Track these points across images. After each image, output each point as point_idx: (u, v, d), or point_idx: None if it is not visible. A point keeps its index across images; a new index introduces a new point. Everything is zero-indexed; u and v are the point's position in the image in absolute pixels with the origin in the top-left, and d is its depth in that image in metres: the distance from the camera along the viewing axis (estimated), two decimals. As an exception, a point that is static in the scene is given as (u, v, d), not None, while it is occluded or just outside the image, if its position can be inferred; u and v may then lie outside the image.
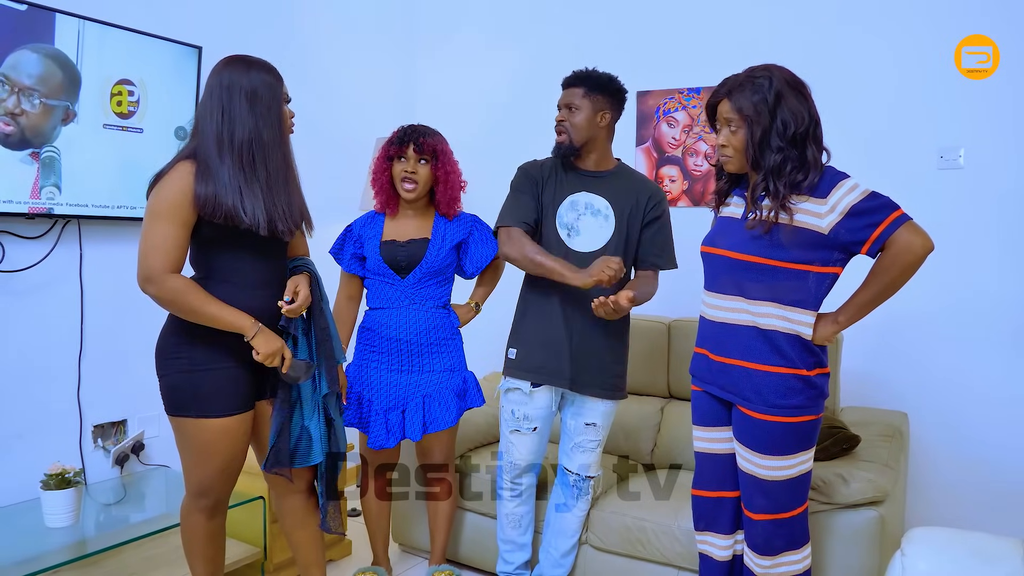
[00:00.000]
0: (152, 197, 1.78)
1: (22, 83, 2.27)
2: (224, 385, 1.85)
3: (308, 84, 3.36)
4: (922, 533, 1.47)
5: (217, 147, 1.78)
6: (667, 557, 2.31)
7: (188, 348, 1.83)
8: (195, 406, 1.82)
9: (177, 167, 1.78)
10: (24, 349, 2.41)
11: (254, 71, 1.83)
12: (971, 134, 2.74)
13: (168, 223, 1.74)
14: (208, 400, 1.83)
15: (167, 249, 1.74)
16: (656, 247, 2.29)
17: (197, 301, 1.76)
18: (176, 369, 1.83)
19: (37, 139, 2.33)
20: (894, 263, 1.70)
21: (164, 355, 1.86)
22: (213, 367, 1.83)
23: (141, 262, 1.74)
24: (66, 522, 2.21)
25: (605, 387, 2.29)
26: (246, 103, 1.80)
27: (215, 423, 1.84)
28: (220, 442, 1.86)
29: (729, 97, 1.80)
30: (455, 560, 2.73)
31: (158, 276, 1.73)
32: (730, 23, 3.15)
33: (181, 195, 1.74)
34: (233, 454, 1.90)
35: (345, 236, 2.44)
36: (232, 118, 1.79)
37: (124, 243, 2.64)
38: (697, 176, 3.27)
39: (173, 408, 1.86)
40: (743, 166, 1.84)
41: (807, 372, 1.77)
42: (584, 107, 2.21)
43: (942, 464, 2.83)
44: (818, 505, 2.09)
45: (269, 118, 1.83)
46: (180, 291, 1.75)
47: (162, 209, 1.75)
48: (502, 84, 3.74)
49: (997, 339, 2.73)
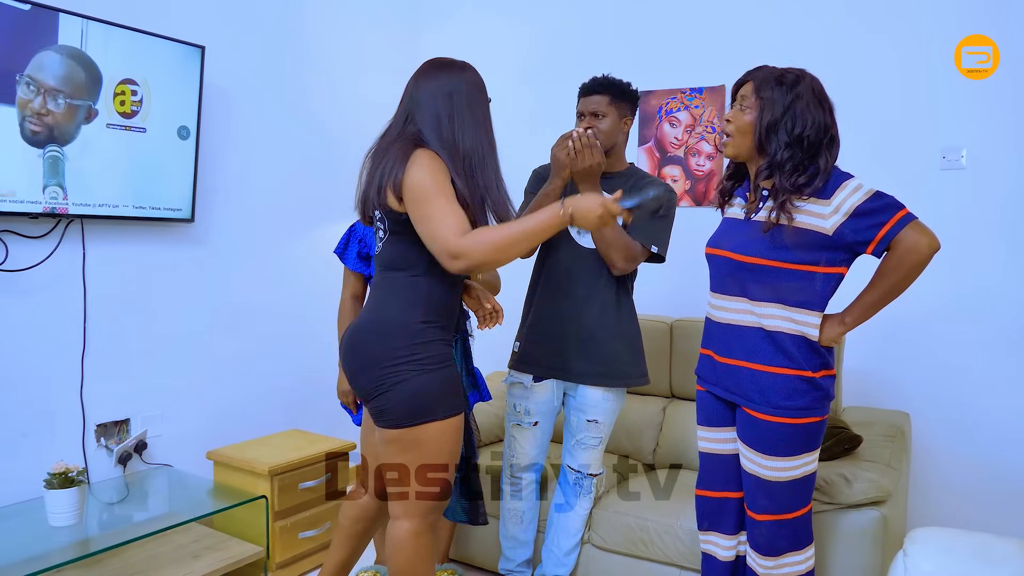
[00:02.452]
0: (412, 182, 1.66)
1: (47, 84, 2.29)
2: (457, 380, 1.78)
3: (312, 84, 3.36)
4: (925, 533, 1.47)
5: (445, 152, 1.71)
6: (669, 557, 2.31)
7: (423, 347, 1.71)
8: (441, 408, 1.71)
9: (418, 155, 1.68)
10: (27, 348, 2.41)
11: (467, 73, 1.79)
12: (973, 134, 2.74)
13: (444, 196, 1.64)
14: (449, 398, 1.73)
15: (457, 218, 1.62)
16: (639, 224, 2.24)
17: (504, 231, 1.63)
18: (418, 371, 1.69)
19: (62, 138, 2.36)
20: (901, 263, 1.70)
21: (391, 362, 1.70)
22: (449, 363, 1.75)
23: (435, 242, 1.63)
24: (69, 521, 2.21)
25: (607, 375, 2.28)
26: (466, 108, 1.75)
27: (456, 421, 1.75)
28: (458, 441, 1.77)
29: (754, 80, 1.82)
30: (457, 559, 2.74)
31: (459, 246, 1.60)
32: (733, 24, 3.15)
33: (443, 173, 1.67)
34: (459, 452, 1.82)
35: (349, 235, 2.44)
36: (456, 123, 1.73)
37: (128, 243, 2.64)
38: (699, 176, 3.27)
39: (416, 415, 1.70)
40: (740, 150, 1.85)
41: (813, 373, 1.77)
42: (610, 114, 2.24)
43: (944, 464, 2.83)
44: (821, 505, 2.09)
45: (486, 122, 1.78)
46: (484, 239, 1.61)
47: (435, 188, 1.64)
48: (507, 83, 3.73)
49: (1000, 339, 2.73)
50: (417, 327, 1.73)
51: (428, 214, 1.64)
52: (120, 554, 2.28)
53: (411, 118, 1.77)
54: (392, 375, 1.69)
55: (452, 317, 1.84)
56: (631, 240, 2.22)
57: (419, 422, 1.70)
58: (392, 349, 1.71)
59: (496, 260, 1.64)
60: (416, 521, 1.78)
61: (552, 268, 2.32)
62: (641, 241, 2.22)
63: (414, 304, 1.74)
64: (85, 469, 2.43)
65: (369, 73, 3.70)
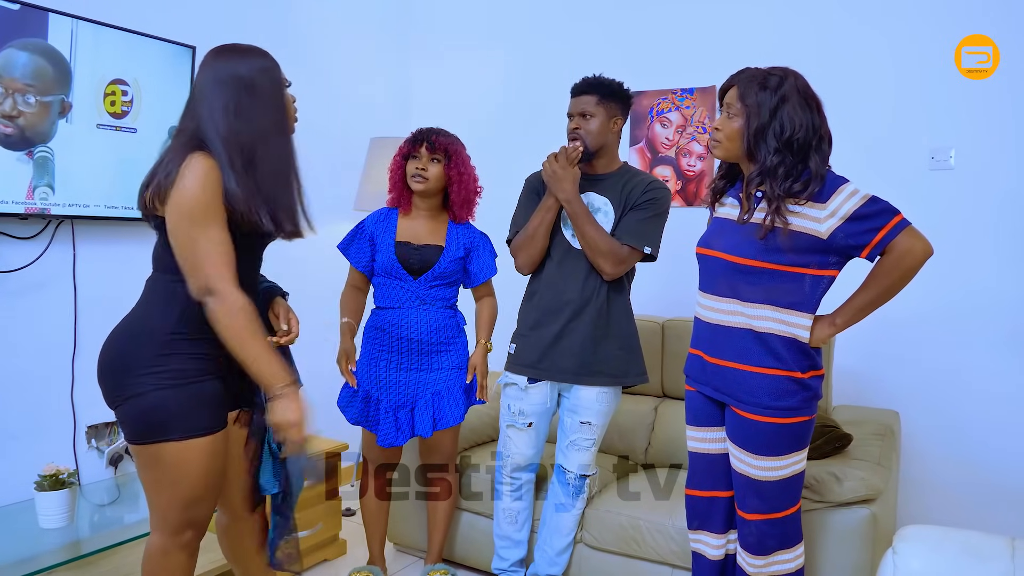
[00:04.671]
0: (181, 197, 1.53)
1: (16, 84, 2.26)
2: (211, 397, 1.63)
3: (303, 83, 3.32)
4: (914, 531, 1.48)
5: (224, 148, 1.59)
6: (662, 555, 2.32)
7: (166, 359, 1.58)
8: (180, 427, 1.58)
9: (193, 162, 1.54)
10: (18, 350, 2.40)
11: (250, 59, 1.65)
12: (964, 134, 2.76)
13: (215, 225, 1.53)
14: (196, 416, 1.60)
15: (225, 254, 1.53)
16: (628, 225, 2.25)
17: (251, 329, 1.55)
18: (155, 385, 1.57)
19: (37, 137, 2.33)
20: (895, 267, 1.71)
21: (134, 371, 1.58)
22: (198, 379, 1.61)
23: (196, 272, 1.53)
24: (60, 523, 2.20)
25: (600, 374, 2.29)
26: (247, 96, 1.61)
27: (201, 443, 1.60)
28: (207, 463, 1.62)
29: (738, 85, 1.81)
30: (450, 559, 2.74)
31: (224, 288, 1.52)
32: (725, 23, 3.15)
33: (212, 193, 1.54)
34: (221, 472, 1.70)
35: (356, 232, 2.45)
36: (235, 114, 1.60)
37: (118, 243, 2.63)
38: (690, 176, 3.28)
39: (149, 433, 1.58)
40: (730, 155, 1.85)
41: (801, 374, 1.78)
42: (598, 114, 2.24)
43: (934, 463, 2.85)
44: (811, 503, 2.10)
45: (273, 110, 1.65)
46: (245, 311, 1.54)
47: (202, 209, 1.53)
48: (498, 82, 3.74)
49: (988, 338, 2.75)
50: (165, 337, 1.59)
51: (195, 237, 1.53)
52: (111, 556, 2.27)
53: (192, 112, 1.64)
54: (132, 386, 1.57)
55: None
56: (618, 245, 2.23)
57: (154, 440, 1.58)
58: (137, 358, 1.58)
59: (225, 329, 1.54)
60: (165, 538, 1.66)
61: (547, 270, 2.33)
62: (632, 243, 2.23)
63: (168, 312, 1.61)
64: (76, 471, 2.42)
65: (361, 72, 3.69)
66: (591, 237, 2.21)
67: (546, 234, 2.28)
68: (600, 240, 2.21)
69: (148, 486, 1.66)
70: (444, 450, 2.49)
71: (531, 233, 2.29)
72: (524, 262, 2.34)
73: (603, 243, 2.21)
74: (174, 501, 1.63)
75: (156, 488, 1.64)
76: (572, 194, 2.20)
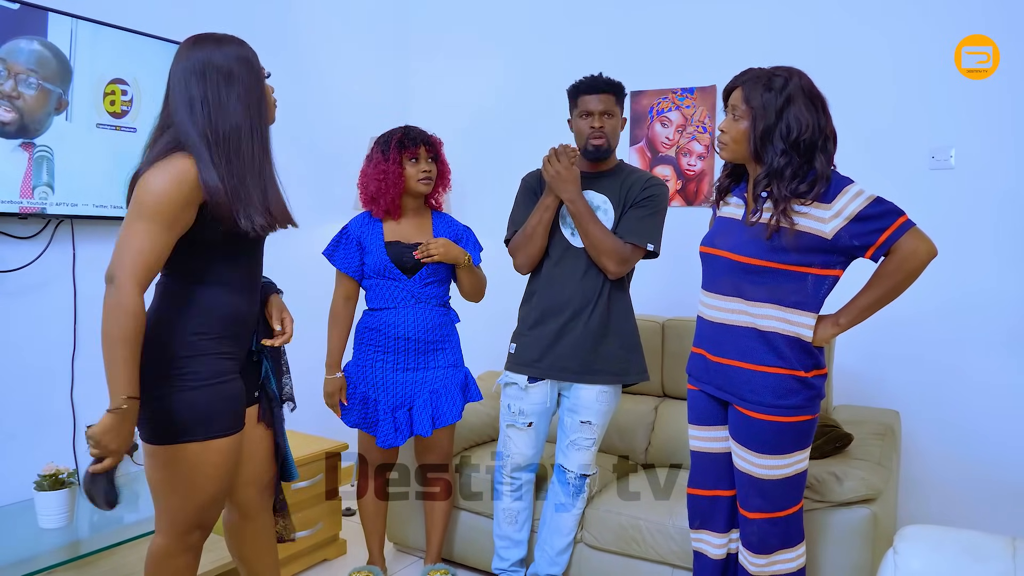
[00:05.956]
0: (145, 188, 1.51)
1: (19, 67, 2.26)
2: (234, 397, 1.64)
3: (302, 84, 3.35)
4: (914, 531, 1.48)
5: (202, 142, 1.55)
6: (662, 555, 2.32)
7: (190, 361, 1.58)
8: (202, 428, 1.58)
9: (172, 161, 1.53)
10: (17, 349, 2.40)
11: (226, 47, 1.60)
12: (964, 134, 2.75)
13: (161, 228, 1.50)
14: (219, 417, 1.61)
15: (151, 258, 1.49)
16: (630, 223, 2.26)
17: (128, 335, 1.46)
18: (180, 387, 1.57)
19: (34, 125, 2.32)
20: (899, 268, 1.72)
21: (157, 374, 1.56)
22: (223, 379, 1.61)
23: (116, 257, 1.49)
24: (60, 523, 2.20)
25: (600, 372, 2.29)
26: (224, 86, 1.57)
27: (222, 443, 1.61)
28: (226, 464, 1.63)
29: (743, 87, 1.80)
30: (449, 559, 2.74)
31: (127, 285, 1.46)
32: (724, 23, 3.15)
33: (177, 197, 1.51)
34: (235, 471, 1.71)
35: (340, 237, 2.44)
36: (211, 106, 1.56)
37: (118, 243, 2.63)
38: (691, 176, 3.28)
39: (171, 434, 1.57)
40: (736, 157, 1.85)
41: (805, 373, 1.78)
42: (617, 113, 2.29)
43: (934, 462, 2.84)
44: (811, 503, 2.10)
45: (250, 99, 1.60)
46: (133, 317, 1.46)
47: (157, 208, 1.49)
48: (496, 82, 3.74)
49: (988, 338, 2.75)
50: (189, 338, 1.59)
51: (136, 228, 1.49)
52: (111, 556, 2.27)
53: (167, 106, 1.61)
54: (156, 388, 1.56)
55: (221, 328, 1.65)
56: (622, 243, 2.23)
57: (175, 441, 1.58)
58: (159, 362, 1.56)
59: (106, 321, 1.47)
60: (170, 540, 1.66)
61: (545, 269, 2.33)
62: (635, 241, 2.24)
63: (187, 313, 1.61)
64: (76, 471, 2.41)
65: (359, 73, 3.69)
66: (595, 236, 2.21)
67: (545, 233, 2.28)
68: (604, 239, 2.21)
69: (160, 486, 1.64)
70: (441, 449, 2.49)
71: (530, 232, 2.29)
72: (523, 261, 2.35)
73: (607, 242, 2.21)
74: (188, 502, 1.63)
75: (169, 488, 1.63)
76: (576, 194, 2.21)
